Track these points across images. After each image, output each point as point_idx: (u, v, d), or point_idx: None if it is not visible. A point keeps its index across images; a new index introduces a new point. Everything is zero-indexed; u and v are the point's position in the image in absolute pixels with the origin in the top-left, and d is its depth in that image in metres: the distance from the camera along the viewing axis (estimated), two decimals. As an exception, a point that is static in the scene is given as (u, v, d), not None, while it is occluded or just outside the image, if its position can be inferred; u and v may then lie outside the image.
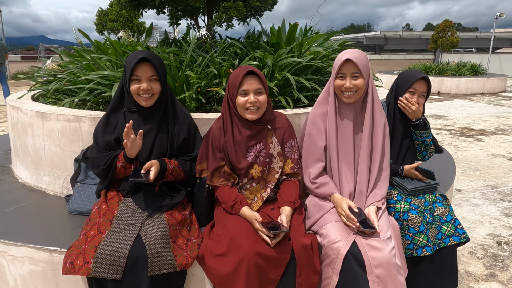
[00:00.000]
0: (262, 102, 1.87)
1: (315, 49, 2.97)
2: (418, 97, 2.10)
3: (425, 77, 2.09)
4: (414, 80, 2.09)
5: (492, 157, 5.46)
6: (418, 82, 2.10)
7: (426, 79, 2.10)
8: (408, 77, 2.14)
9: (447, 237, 1.99)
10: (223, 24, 3.24)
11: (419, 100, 2.10)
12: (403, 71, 2.22)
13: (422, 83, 2.10)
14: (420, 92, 2.10)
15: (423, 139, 2.19)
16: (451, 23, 16.06)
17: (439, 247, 1.99)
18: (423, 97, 2.12)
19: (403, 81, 2.16)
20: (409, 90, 2.11)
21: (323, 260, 1.81)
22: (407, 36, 28.47)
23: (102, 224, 1.73)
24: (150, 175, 1.77)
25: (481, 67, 14.74)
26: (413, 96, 2.10)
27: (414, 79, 2.09)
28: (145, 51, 1.90)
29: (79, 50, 3.27)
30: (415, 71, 2.14)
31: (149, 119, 1.95)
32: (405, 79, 2.15)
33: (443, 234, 2.00)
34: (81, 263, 1.58)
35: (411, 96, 2.11)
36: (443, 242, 1.99)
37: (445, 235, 2.00)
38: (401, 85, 2.15)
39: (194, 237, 1.86)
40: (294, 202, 1.90)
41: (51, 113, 2.41)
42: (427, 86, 2.11)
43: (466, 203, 3.81)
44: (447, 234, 2.00)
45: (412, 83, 2.09)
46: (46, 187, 2.60)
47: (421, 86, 2.10)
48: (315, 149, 2.03)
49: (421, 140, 2.19)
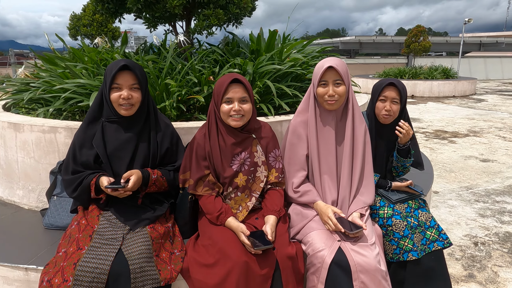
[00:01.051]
0: (246, 111, 1.86)
1: (294, 55, 2.98)
2: (391, 103, 2.07)
3: (393, 83, 2.06)
4: (382, 87, 2.08)
5: (466, 159, 5.63)
6: (386, 88, 2.07)
7: (394, 84, 2.06)
8: (378, 86, 2.13)
9: (432, 242, 2.02)
10: (203, 32, 3.20)
11: (392, 107, 2.06)
12: (376, 81, 2.22)
13: (391, 89, 2.06)
14: (391, 98, 2.06)
15: (403, 163, 2.19)
16: (423, 28, 16.51)
17: (425, 252, 2.00)
18: (396, 103, 2.07)
19: (374, 90, 2.16)
20: (380, 99, 2.10)
21: (308, 269, 1.81)
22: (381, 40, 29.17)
23: (82, 240, 1.67)
24: (128, 183, 1.72)
25: (452, 71, 15.24)
26: (385, 103, 2.08)
27: (382, 86, 2.08)
28: (126, 60, 1.85)
29: (52, 56, 3.16)
30: (384, 79, 2.11)
31: (129, 129, 1.89)
32: (376, 88, 2.15)
33: (427, 239, 2.02)
34: (59, 281, 1.51)
35: (382, 104, 2.09)
36: (428, 247, 2.01)
37: (429, 240, 2.02)
38: (373, 94, 2.16)
39: (178, 250, 1.82)
40: (279, 211, 1.89)
41: (24, 124, 2.31)
42: (398, 91, 2.06)
43: (443, 204, 3.90)
44: (431, 239, 2.02)
45: (381, 90, 2.08)
46: (20, 201, 2.49)
47: (391, 92, 2.06)
48: (297, 158, 2.03)
49: (401, 163, 2.19)
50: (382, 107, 2.10)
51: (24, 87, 2.99)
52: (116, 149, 1.86)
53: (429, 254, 2.00)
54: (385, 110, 2.09)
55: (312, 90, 2.03)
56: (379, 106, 2.12)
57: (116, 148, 1.86)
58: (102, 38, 3.45)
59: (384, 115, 2.10)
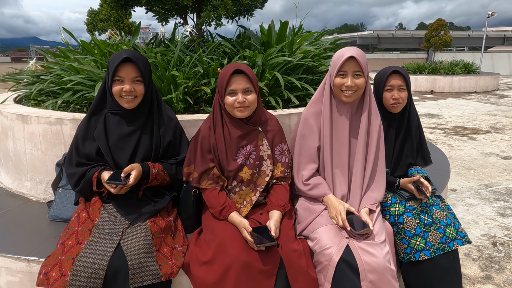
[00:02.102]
0: (251, 101, 1.80)
1: (306, 48, 2.90)
2: (398, 91, 2.00)
3: (397, 70, 2.00)
4: (386, 76, 2.01)
5: (486, 156, 5.43)
6: (391, 77, 2.01)
7: (398, 72, 2.00)
8: (381, 76, 2.06)
9: (451, 241, 1.90)
10: (211, 23, 3.15)
11: (400, 95, 2.00)
12: (378, 72, 2.14)
13: (395, 77, 2.00)
14: (397, 86, 2.00)
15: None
16: (444, 22, 16.06)
17: (444, 252, 1.88)
18: (403, 90, 2.01)
19: (378, 81, 2.08)
20: (386, 89, 2.02)
21: (315, 266, 1.74)
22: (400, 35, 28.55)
23: (81, 234, 1.64)
24: (129, 179, 1.69)
25: (474, 66, 14.78)
26: (392, 92, 2.01)
27: (386, 75, 2.01)
28: (129, 51, 1.81)
29: (64, 50, 3.17)
30: (387, 68, 2.05)
31: (132, 122, 1.86)
32: (379, 79, 2.07)
33: (447, 237, 1.90)
34: (57, 275, 1.49)
35: (389, 93, 2.01)
36: (448, 246, 1.89)
37: (449, 238, 1.90)
38: (377, 85, 2.08)
39: (179, 245, 1.78)
40: (284, 206, 1.83)
41: (31, 116, 2.31)
42: (403, 78, 2.00)
43: (461, 203, 3.76)
44: (451, 238, 1.91)
45: (385, 80, 2.01)
46: (28, 192, 2.50)
47: (396, 80, 2.00)
48: (308, 150, 1.96)
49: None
50: (390, 96, 2.02)
51: (35, 80, 2.99)
52: (118, 142, 1.83)
53: (447, 253, 1.88)
54: (393, 98, 2.02)
55: (329, 80, 1.95)
56: (386, 96, 2.04)
57: (118, 141, 1.83)
58: (113, 31, 3.43)
59: (393, 104, 2.03)
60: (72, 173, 1.83)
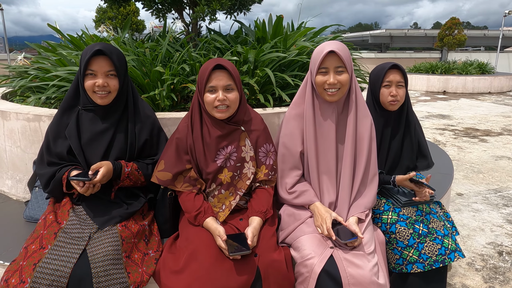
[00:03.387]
0: (232, 100, 1.67)
1: (302, 43, 2.76)
2: (396, 88, 1.89)
3: (396, 65, 1.89)
4: (384, 71, 1.89)
5: (497, 159, 5.21)
6: (390, 72, 1.89)
7: (397, 67, 1.89)
8: (378, 71, 1.94)
9: (452, 252, 1.76)
10: (205, 18, 3.03)
11: (398, 91, 1.88)
12: (373, 68, 2.01)
13: (394, 72, 1.89)
14: (396, 82, 1.89)
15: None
16: (458, 21, 15.65)
17: (443, 264, 1.73)
18: (402, 87, 1.90)
19: (374, 76, 1.95)
20: (384, 85, 1.90)
21: (296, 278, 1.61)
22: (413, 34, 27.98)
23: (46, 238, 1.54)
24: (96, 176, 1.58)
25: (489, 66, 14.37)
26: (390, 88, 1.89)
27: (385, 70, 1.89)
28: (102, 43, 1.70)
29: (54, 45, 3.09)
30: (384, 63, 1.93)
31: (105, 119, 1.75)
32: (376, 74, 1.94)
33: (447, 248, 1.76)
34: (16, 281, 1.40)
35: (387, 89, 1.89)
36: (449, 258, 1.74)
37: (449, 249, 1.76)
38: (374, 81, 1.95)
39: (153, 251, 1.67)
40: (265, 212, 1.70)
41: (11, 112, 2.23)
42: (402, 74, 1.90)
43: (467, 208, 3.58)
44: (451, 249, 1.76)
45: (383, 75, 1.89)
46: (8, 191, 2.42)
47: (395, 76, 1.89)
48: (291, 155, 1.82)
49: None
50: (388, 93, 1.90)
51: (22, 75, 2.92)
52: (91, 140, 1.72)
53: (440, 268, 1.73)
54: (391, 95, 1.89)
55: (310, 79, 1.81)
56: (384, 92, 1.91)
57: (91, 139, 1.72)
58: (106, 26, 3.35)
59: (391, 101, 1.91)
60: (42, 173, 1.74)
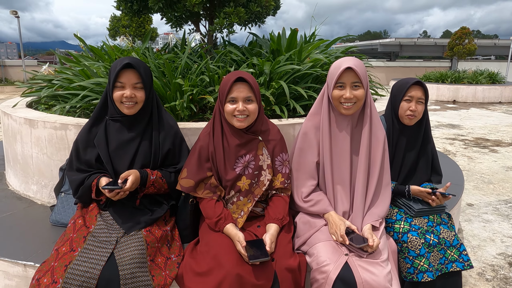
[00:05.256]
0: (251, 111, 1.77)
1: (315, 56, 2.84)
2: (416, 104, 1.96)
3: (419, 82, 1.95)
4: (407, 86, 1.95)
5: (508, 170, 5.21)
6: (413, 88, 1.96)
7: (420, 83, 1.96)
8: (401, 85, 2.00)
9: (450, 262, 1.83)
10: (223, 30, 3.14)
11: (417, 107, 1.95)
12: (397, 80, 2.08)
13: (417, 88, 1.96)
14: (417, 98, 1.95)
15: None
16: (468, 31, 15.68)
17: (441, 272, 1.83)
18: (422, 104, 1.97)
19: (397, 90, 2.02)
20: (405, 99, 1.97)
21: (312, 284, 1.68)
22: (423, 43, 27.95)
23: (75, 241, 1.63)
24: (126, 184, 1.67)
25: (499, 75, 14.33)
26: (410, 103, 1.96)
27: (408, 85, 1.96)
28: (131, 57, 1.81)
29: (77, 55, 3.22)
30: (408, 78, 2.00)
31: (132, 128, 1.85)
32: (399, 88, 2.01)
33: (446, 258, 1.85)
34: (48, 281, 1.48)
35: (407, 104, 1.96)
36: (445, 267, 1.83)
37: (448, 260, 1.84)
38: (396, 94, 2.02)
39: (175, 255, 1.75)
40: (282, 220, 1.78)
41: (38, 120, 2.34)
42: (423, 91, 1.96)
43: (477, 218, 3.60)
44: (450, 259, 1.84)
45: (406, 90, 1.96)
46: (34, 195, 2.53)
47: (417, 92, 1.95)
48: (307, 165, 1.90)
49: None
50: (407, 108, 1.97)
51: (48, 84, 3.05)
52: (118, 148, 1.82)
53: (445, 274, 1.81)
54: (410, 110, 1.96)
55: (327, 92, 1.89)
56: (403, 106, 1.98)
57: (118, 147, 1.82)
58: (126, 37, 3.47)
59: (409, 115, 1.98)
60: (72, 180, 1.84)
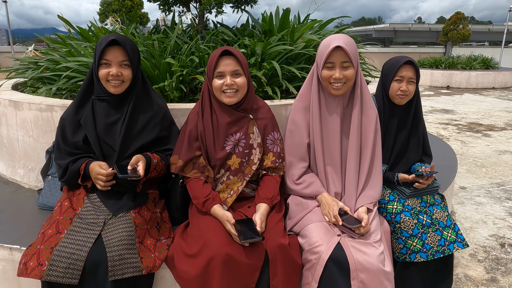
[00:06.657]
0: (240, 85, 1.71)
1: (309, 36, 2.78)
2: (407, 84, 1.89)
3: (410, 61, 1.89)
4: (398, 66, 1.88)
5: (500, 154, 5.23)
6: (404, 68, 1.89)
7: (411, 62, 1.89)
8: (392, 64, 1.94)
9: (451, 243, 1.81)
10: (212, 10, 3.06)
11: (409, 87, 1.89)
12: (387, 60, 2.02)
13: (408, 68, 1.88)
14: (408, 78, 1.88)
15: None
16: (462, 16, 15.60)
17: (444, 255, 1.79)
18: (413, 83, 1.91)
19: (387, 69, 1.96)
20: (396, 79, 1.90)
21: (304, 264, 1.66)
22: (417, 29, 27.84)
23: (62, 223, 1.59)
24: (139, 171, 1.62)
25: (493, 61, 14.33)
26: (401, 83, 1.89)
27: (399, 65, 1.88)
28: (117, 34, 1.74)
29: (63, 37, 3.13)
30: (399, 57, 1.93)
31: (119, 108, 1.79)
32: (389, 67, 1.95)
33: (446, 240, 1.82)
34: (34, 264, 1.45)
35: (398, 84, 1.90)
36: (448, 249, 1.80)
37: (448, 241, 1.82)
38: (386, 74, 1.96)
39: (164, 237, 1.72)
40: (271, 199, 1.75)
41: (23, 102, 2.27)
42: (415, 71, 1.90)
43: (470, 201, 3.62)
44: (450, 240, 1.82)
45: (397, 70, 1.89)
46: (21, 179, 2.48)
47: (408, 72, 1.88)
48: (297, 147, 1.86)
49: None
50: (398, 88, 1.91)
51: (33, 66, 2.96)
52: (105, 129, 1.76)
53: (443, 257, 1.79)
54: (401, 90, 1.90)
55: (316, 72, 1.84)
56: (394, 86, 1.92)
57: (105, 128, 1.76)
58: (114, 18, 3.37)
59: (400, 95, 1.92)
60: (59, 163, 1.78)
